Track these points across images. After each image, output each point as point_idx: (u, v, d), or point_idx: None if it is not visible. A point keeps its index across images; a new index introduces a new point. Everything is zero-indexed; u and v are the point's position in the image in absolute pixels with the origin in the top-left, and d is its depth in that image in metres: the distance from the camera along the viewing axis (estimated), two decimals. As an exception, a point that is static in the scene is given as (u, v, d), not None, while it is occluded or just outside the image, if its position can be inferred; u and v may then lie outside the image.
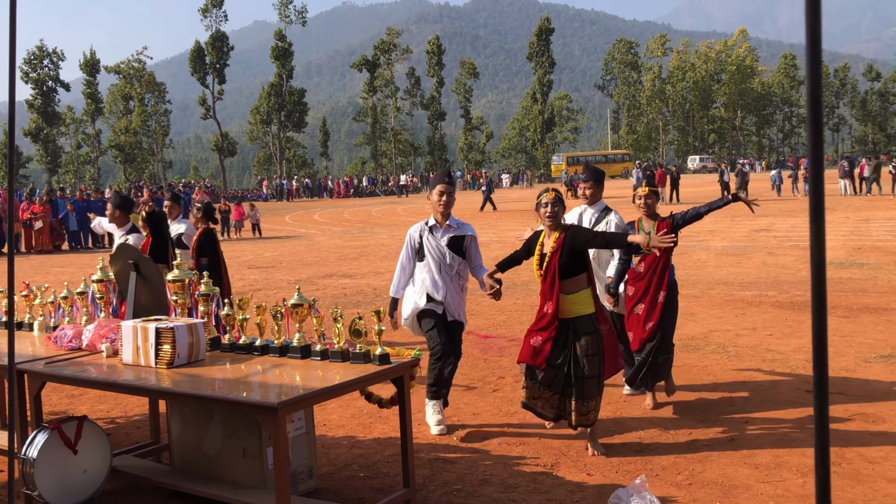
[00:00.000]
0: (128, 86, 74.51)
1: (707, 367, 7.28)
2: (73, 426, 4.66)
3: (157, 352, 4.35)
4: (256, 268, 17.38)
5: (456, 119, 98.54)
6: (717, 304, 10.46)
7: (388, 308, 5.60)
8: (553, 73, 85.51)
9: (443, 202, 5.59)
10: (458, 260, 5.60)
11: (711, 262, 14.77)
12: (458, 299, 5.63)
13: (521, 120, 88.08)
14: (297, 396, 3.69)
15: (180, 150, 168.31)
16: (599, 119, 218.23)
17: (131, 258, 5.17)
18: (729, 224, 22.57)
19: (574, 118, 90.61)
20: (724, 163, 42.59)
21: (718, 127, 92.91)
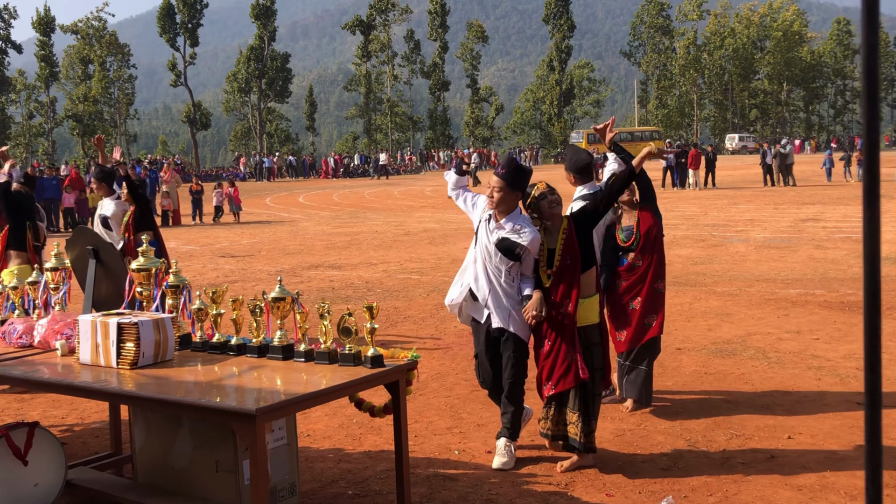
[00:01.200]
0: (87, 47, 74.41)
1: (744, 374, 7.29)
2: (23, 434, 4.67)
3: (119, 350, 4.36)
4: (232, 256, 17.41)
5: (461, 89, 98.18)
6: (756, 303, 10.46)
7: (381, 301, 5.57)
8: (573, 38, 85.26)
9: (492, 200, 5.30)
10: (509, 263, 5.30)
11: (751, 255, 14.77)
12: (504, 304, 5.31)
13: (536, 91, 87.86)
14: (277, 402, 3.70)
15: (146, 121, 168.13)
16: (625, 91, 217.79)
17: (90, 244, 5.19)
18: (771, 212, 22.56)
19: (596, 90, 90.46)
20: (767, 142, 42.48)
21: (761, 101, 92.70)
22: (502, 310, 5.32)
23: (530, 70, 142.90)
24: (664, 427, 6.01)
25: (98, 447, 5.95)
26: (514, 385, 5.37)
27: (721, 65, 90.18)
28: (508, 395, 5.39)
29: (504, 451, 5.36)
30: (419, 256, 16.17)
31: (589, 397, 5.16)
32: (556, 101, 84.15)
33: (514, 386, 5.37)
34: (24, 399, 7.33)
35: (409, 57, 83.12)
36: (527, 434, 5.87)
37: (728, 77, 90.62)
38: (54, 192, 26.62)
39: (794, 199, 26.98)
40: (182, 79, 73.13)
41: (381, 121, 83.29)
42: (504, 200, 5.26)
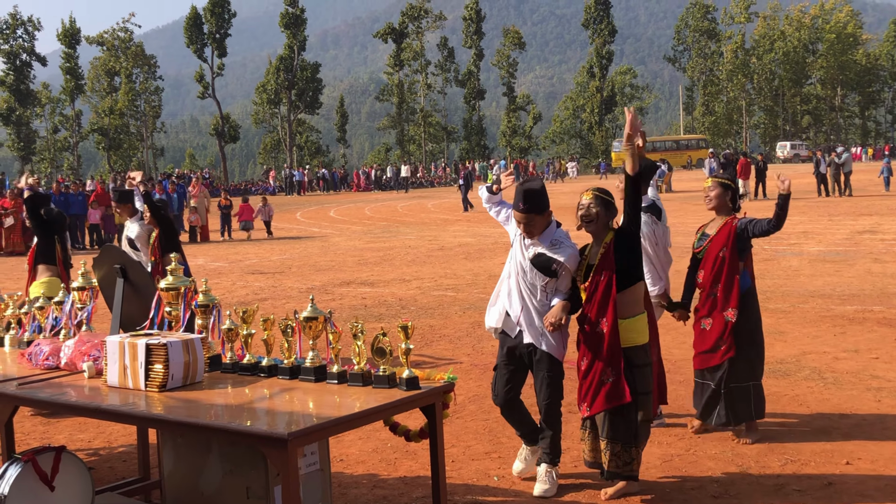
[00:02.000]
0: (112, 59, 75.67)
1: (799, 396, 7.19)
2: (50, 458, 4.73)
3: (148, 372, 4.41)
4: (261, 273, 17.54)
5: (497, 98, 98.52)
6: (811, 320, 10.33)
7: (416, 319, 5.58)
8: (614, 43, 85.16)
9: (527, 233, 5.37)
10: (545, 280, 5.32)
11: (805, 269, 14.59)
12: (536, 323, 5.32)
13: (576, 99, 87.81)
14: (310, 426, 3.71)
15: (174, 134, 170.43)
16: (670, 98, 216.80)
17: (118, 262, 5.25)
18: (826, 224, 22.29)
19: (639, 96, 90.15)
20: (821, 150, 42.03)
21: (814, 107, 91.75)
22: (534, 328, 5.33)
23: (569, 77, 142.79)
24: (714, 452, 5.94)
25: (125, 472, 6.01)
26: (550, 407, 5.35)
27: (771, 69, 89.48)
28: (545, 419, 5.38)
29: (545, 478, 5.33)
30: (455, 272, 16.18)
31: (625, 422, 5.03)
32: (597, 109, 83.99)
33: (550, 408, 5.36)
34: (50, 422, 7.42)
35: (443, 65, 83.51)
36: (570, 459, 5.83)
37: (778, 82, 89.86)
38: (80, 207, 27.02)
39: (849, 209, 26.64)
40: (210, 90, 73.99)
41: (414, 131, 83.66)
42: (536, 227, 5.34)
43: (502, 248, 18.90)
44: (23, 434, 6.91)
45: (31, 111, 72.49)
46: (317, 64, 79.90)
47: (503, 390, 5.44)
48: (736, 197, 6.30)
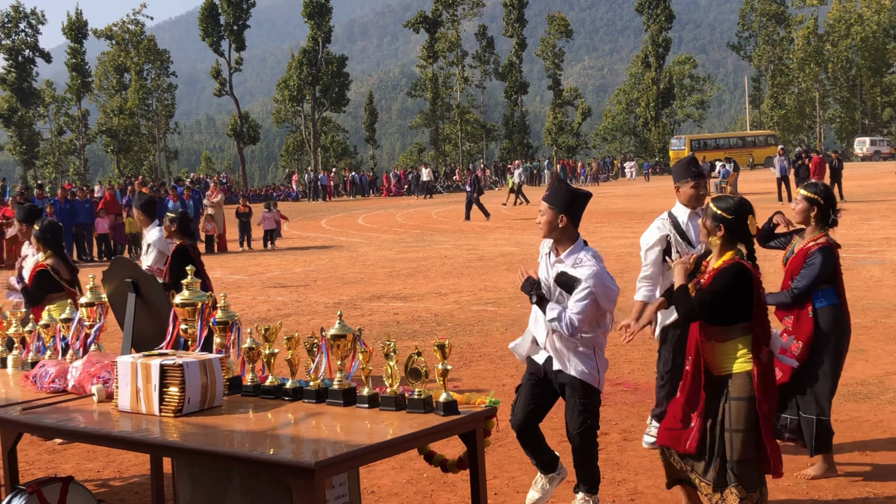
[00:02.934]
0: (122, 54, 76.62)
1: (882, 421, 7.11)
2: (56, 490, 4.80)
3: (162, 396, 4.45)
4: (284, 287, 17.65)
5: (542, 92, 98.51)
6: (895, 337, 10.19)
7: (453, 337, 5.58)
8: (672, 30, 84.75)
9: (538, 224, 5.47)
10: (566, 297, 5.36)
11: (888, 280, 14.41)
12: (566, 347, 5.39)
13: (629, 92, 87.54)
14: (338, 455, 3.73)
15: (188, 135, 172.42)
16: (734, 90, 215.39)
17: (129, 276, 5.32)
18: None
19: (700, 88, 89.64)
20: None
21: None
22: (562, 354, 5.39)
23: (622, 68, 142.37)
24: (786, 485, 5.89)
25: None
26: (582, 434, 5.37)
27: (847, 57, 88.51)
28: (578, 446, 5.42)
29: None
30: (495, 285, 16.17)
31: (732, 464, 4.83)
32: (653, 103, 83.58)
33: (582, 436, 5.38)
34: (56, 450, 7.52)
35: (482, 56, 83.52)
36: (629, 491, 5.80)
37: (856, 71, 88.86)
38: (87, 216, 27.33)
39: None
40: (227, 87, 74.58)
41: (449, 130, 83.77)
42: (551, 226, 5.37)
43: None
44: (27, 463, 7.01)
45: (33, 111, 73.46)
46: (343, 57, 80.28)
47: (523, 412, 5.47)
48: (827, 212, 6.13)
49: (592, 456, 5.44)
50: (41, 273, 7.76)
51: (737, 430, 4.78)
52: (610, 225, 27.95)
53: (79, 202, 27.89)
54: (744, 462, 4.77)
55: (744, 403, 4.76)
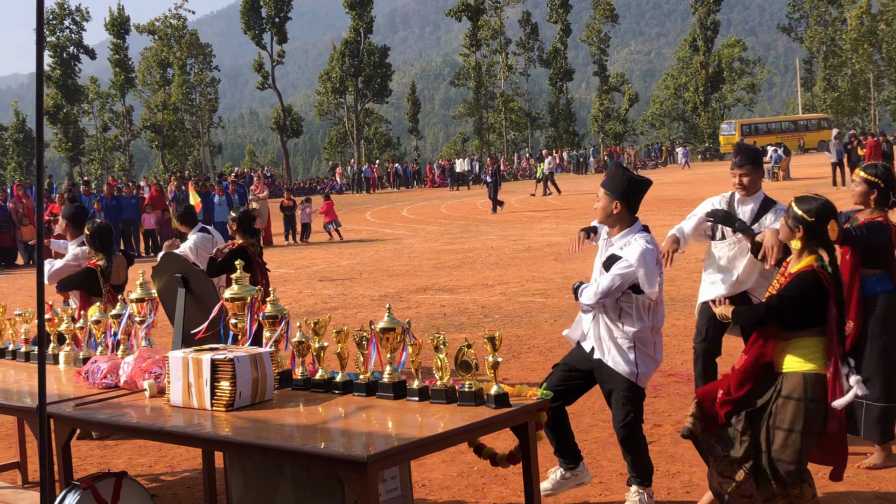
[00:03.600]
0: (165, 49, 77.22)
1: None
2: (110, 485, 4.87)
3: (214, 390, 4.50)
4: (330, 280, 17.76)
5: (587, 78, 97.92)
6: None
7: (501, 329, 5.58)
8: (720, 12, 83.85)
9: (596, 207, 5.53)
10: None
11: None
12: (607, 336, 5.39)
13: (677, 76, 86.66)
14: (390, 448, 3.76)
15: (231, 129, 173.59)
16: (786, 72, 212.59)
17: (179, 271, 5.38)
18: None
19: (750, 72, 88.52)
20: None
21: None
22: (602, 344, 5.41)
23: (669, 52, 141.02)
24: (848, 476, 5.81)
25: (190, 500, 6.15)
26: (626, 428, 5.38)
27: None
28: (623, 441, 5.44)
29: (635, 499, 5.41)
30: (543, 276, 16.14)
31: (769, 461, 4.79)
32: (702, 88, 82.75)
33: (626, 429, 5.39)
34: (109, 445, 7.64)
35: (525, 43, 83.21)
36: (684, 484, 5.78)
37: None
38: (133, 212, 27.68)
39: None
40: (270, 80, 74.93)
41: (493, 119, 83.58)
42: (606, 212, 5.43)
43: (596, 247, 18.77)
44: (79, 459, 7.12)
45: (78, 108, 74.16)
46: (385, 47, 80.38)
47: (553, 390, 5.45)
48: (887, 195, 6.02)
49: (640, 448, 5.44)
50: (89, 270, 7.84)
51: (780, 428, 4.73)
52: (660, 213, 27.73)
53: (125, 198, 28.25)
54: (785, 462, 4.73)
55: (793, 403, 4.71)
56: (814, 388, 4.70)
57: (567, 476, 5.60)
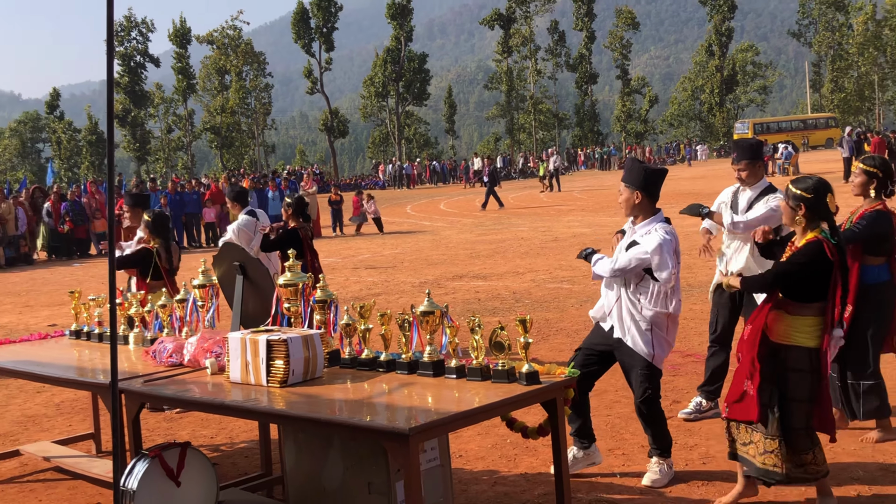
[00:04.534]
0: (222, 58, 77.61)
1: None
2: (175, 454, 4.92)
3: (269, 368, 4.54)
4: (374, 268, 17.80)
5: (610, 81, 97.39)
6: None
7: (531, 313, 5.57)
8: (734, 19, 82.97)
9: (619, 201, 5.54)
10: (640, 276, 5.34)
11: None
12: (628, 317, 5.37)
13: (694, 79, 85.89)
14: (430, 422, 3.77)
15: (283, 131, 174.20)
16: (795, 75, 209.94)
17: (237, 260, 5.42)
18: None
19: (762, 74, 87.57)
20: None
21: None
22: (622, 324, 5.39)
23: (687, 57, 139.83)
24: (854, 449, 5.77)
25: (248, 468, 6.21)
26: (645, 404, 5.39)
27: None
28: (642, 416, 5.46)
29: (655, 468, 5.42)
30: (570, 264, 16.08)
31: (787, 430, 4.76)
32: (717, 90, 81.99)
33: (646, 405, 5.40)
34: (173, 419, 7.72)
35: (553, 50, 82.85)
36: (701, 455, 5.75)
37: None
38: (195, 206, 27.93)
39: None
40: (318, 85, 75.11)
41: (524, 119, 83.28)
42: (629, 203, 5.43)
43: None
44: (148, 430, 7.20)
45: (145, 112, 75.11)
46: (424, 54, 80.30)
47: (579, 366, 5.43)
48: (885, 184, 5.97)
49: (659, 421, 5.45)
50: (146, 251, 7.91)
51: (794, 400, 4.72)
52: (679, 206, 27.54)
53: (187, 194, 28.50)
54: (798, 429, 4.73)
55: (801, 375, 4.71)
56: (817, 361, 4.73)
57: (580, 456, 5.59)
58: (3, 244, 25.04)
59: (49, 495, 6.01)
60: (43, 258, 26.27)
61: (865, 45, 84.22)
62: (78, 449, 6.74)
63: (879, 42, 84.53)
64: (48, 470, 6.50)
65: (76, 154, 78.04)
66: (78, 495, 5.95)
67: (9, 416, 8.18)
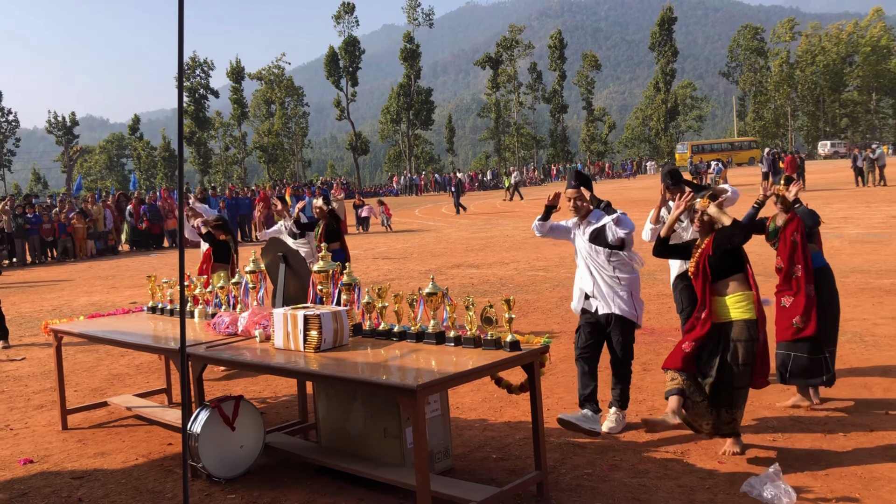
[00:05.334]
0: (269, 91, 77.52)
1: (843, 356, 6.89)
2: (231, 405, 4.94)
3: (306, 337, 4.54)
4: (389, 259, 17.78)
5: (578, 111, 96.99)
6: (852, 292, 9.86)
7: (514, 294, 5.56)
8: (676, 62, 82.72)
9: (570, 207, 5.48)
10: (602, 251, 5.30)
11: (846, 249, 13.95)
12: (610, 291, 5.30)
13: (644, 110, 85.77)
14: (433, 380, 3.77)
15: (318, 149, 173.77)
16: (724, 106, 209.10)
17: (280, 251, 5.42)
18: (864, 210, 21.21)
19: (698, 106, 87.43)
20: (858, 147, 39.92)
21: (851, 111, 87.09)
22: (606, 297, 5.33)
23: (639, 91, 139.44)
24: (769, 403, 5.76)
25: (288, 416, 6.21)
26: (622, 363, 5.39)
27: (813, 80, 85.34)
28: (617, 373, 5.43)
29: (613, 418, 5.42)
30: (545, 256, 16.07)
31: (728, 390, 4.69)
32: (663, 118, 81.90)
33: (620, 365, 5.40)
34: (231, 376, 7.71)
35: (532, 86, 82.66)
36: (649, 408, 5.75)
37: (819, 90, 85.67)
38: (247, 209, 27.91)
39: (884, 197, 25.27)
40: (345, 113, 74.98)
41: (509, 141, 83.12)
42: (584, 202, 5.41)
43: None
44: (209, 386, 7.20)
45: (207, 134, 75.09)
46: (429, 89, 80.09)
47: (585, 344, 5.41)
48: None
49: (628, 380, 5.46)
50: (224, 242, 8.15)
51: (736, 364, 4.67)
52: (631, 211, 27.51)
53: (241, 199, 28.47)
54: (742, 388, 4.70)
55: (743, 344, 4.66)
56: (754, 330, 4.70)
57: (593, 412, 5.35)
58: (95, 238, 25.02)
59: (131, 437, 6.01)
60: (126, 250, 26.25)
61: (781, 83, 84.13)
62: (154, 401, 6.75)
63: (792, 81, 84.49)
64: (129, 417, 6.51)
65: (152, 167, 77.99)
66: (153, 437, 5.95)
67: (99, 375, 8.19)
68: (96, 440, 5.97)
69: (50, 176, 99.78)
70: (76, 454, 5.64)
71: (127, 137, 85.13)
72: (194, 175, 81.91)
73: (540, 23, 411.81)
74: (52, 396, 7.18)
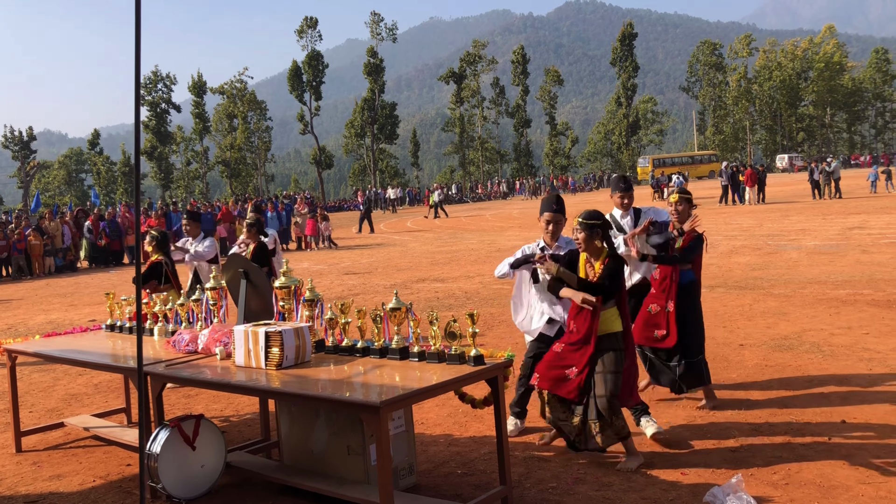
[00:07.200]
0: (231, 105, 77.07)
1: (801, 366, 7.01)
2: (192, 424, 4.86)
3: (267, 354, 4.49)
4: (354, 273, 17.70)
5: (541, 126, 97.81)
6: (809, 303, 10.05)
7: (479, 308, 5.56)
8: (637, 77, 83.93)
9: (549, 231, 5.45)
10: None
11: (803, 261, 14.21)
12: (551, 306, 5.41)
13: (607, 124, 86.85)
14: (397, 396, 3.75)
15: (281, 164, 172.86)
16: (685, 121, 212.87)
17: (241, 267, 5.36)
18: (821, 223, 21.66)
19: (659, 121, 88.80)
20: (814, 161, 40.81)
21: (807, 125, 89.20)
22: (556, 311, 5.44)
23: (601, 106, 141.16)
24: (730, 414, 5.83)
25: (251, 435, 6.12)
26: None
27: (770, 95, 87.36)
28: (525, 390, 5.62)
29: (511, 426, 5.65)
30: (510, 269, 16.09)
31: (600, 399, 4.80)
32: (624, 132, 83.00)
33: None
34: (191, 395, 7.60)
35: (496, 100, 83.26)
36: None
37: (776, 105, 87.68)
38: (209, 224, 27.55)
39: (840, 209, 25.85)
40: (309, 127, 74.73)
41: (473, 155, 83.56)
42: (562, 227, 5.50)
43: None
44: (169, 405, 7.09)
45: (168, 148, 74.47)
46: (394, 103, 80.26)
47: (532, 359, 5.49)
48: None
49: None
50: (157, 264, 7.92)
51: (606, 373, 4.79)
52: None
53: (204, 214, 28.14)
54: (613, 397, 4.77)
55: (614, 353, 4.81)
56: (621, 341, 4.87)
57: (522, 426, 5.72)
58: (53, 254, 24.55)
59: (88, 458, 5.88)
60: (85, 266, 25.80)
61: (739, 98, 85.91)
62: (112, 421, 6.61)
63: (750, 96, 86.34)
64: (87, 438, 6.37)
65: (112, 182, 77.02)
66: (112, 458, 5.83)
67: (55, 395, 8.01)
68: (52, 462, 5.83)
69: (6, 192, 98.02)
70: (31, 477, 5.50)
71: (86, 152, 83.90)
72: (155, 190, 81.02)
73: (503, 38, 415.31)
74: (6, 418, 7.01)
